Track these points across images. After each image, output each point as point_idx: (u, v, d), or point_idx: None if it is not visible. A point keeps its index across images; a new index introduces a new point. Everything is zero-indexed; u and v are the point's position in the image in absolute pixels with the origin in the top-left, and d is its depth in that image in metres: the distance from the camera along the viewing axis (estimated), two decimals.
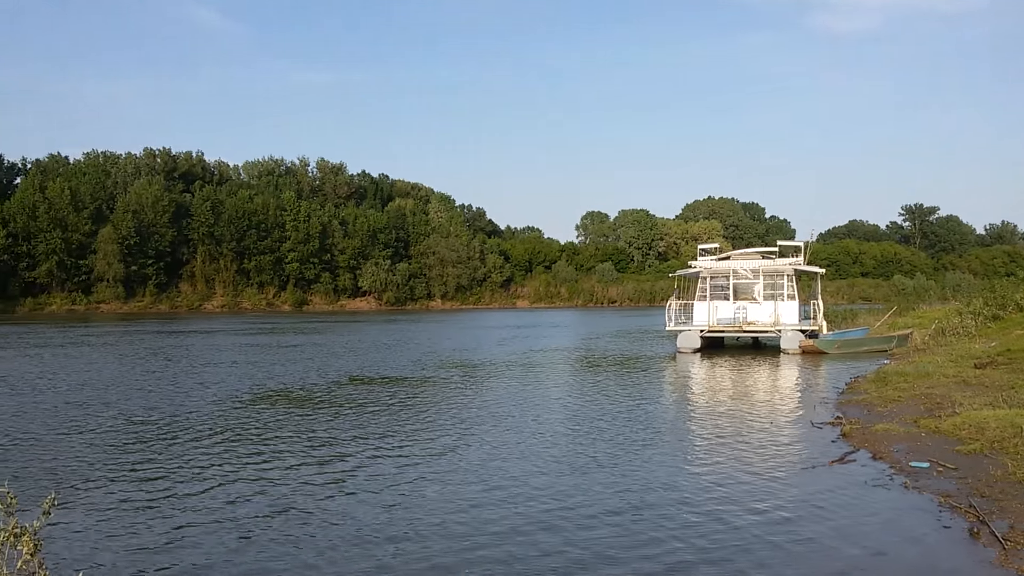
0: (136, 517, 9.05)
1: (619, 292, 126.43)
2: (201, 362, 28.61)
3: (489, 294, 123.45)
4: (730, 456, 12.07)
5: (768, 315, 32.84)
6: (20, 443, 13.26)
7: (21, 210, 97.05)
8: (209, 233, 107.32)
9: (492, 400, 18.32)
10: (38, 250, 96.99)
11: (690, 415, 16.96)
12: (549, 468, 11.32)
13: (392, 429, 14.68)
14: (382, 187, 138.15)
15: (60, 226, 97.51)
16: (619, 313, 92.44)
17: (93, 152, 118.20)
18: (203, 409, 17.23)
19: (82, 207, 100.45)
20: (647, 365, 27.72)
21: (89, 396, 19.15)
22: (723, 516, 8.89)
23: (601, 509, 9.16)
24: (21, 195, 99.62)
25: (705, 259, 35.64)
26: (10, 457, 12.18)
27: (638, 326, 56.09)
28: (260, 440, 13.70)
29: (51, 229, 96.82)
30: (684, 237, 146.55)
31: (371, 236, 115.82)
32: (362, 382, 22.46)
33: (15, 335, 45.90)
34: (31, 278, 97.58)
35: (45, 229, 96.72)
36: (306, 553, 7.87)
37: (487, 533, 8.42)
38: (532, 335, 46.62)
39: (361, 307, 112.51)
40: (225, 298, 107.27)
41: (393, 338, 43.53)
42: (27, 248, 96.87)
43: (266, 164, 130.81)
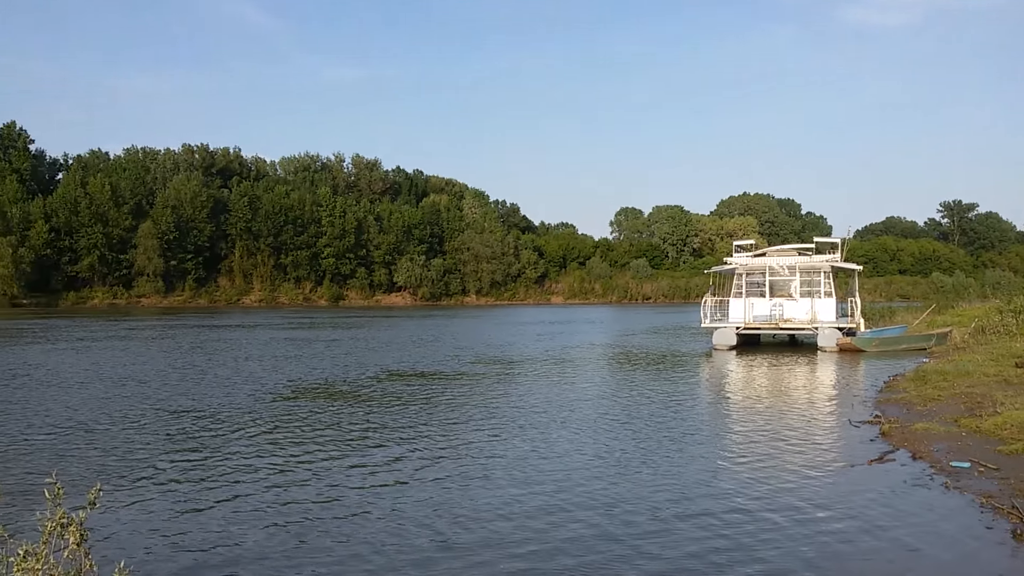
0: (180, 508, 9.25)
1: (654, 288, 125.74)
2: (242, 356, 29.03)
3: (523, 290, 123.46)
4: (768, 455, 12.04)
5: (805, 312, 32.54)
6: (67, 434, 13.60)
7: (63, 205, 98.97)
8: (247, 228, 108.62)
9: (531, 397, 18.39)
10: (80, 245, 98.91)
11: (727, 413, 16.91)
12: (588, 465, 11.36)
13: (434, 424, 14.82)
14: (416, 183, 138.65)
15: (101, 221, 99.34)
16: (654, 309, 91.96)
17: (133, 148, 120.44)
18: (246, 402, 17.53)
19: (122, 202, 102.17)
20: (683, 362, 27.63)
21: (133, 389, 19.56)
22: (761, 515, 8.89)
23: (641, 508, 9.18)
24: (63, 190, 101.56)
25: (741, 255, 35.33)
26: (57, 448, 12.51)
27: (673, 323, 55.79)
28: (303, 434, 13.92)
29: (92, 224, 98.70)
30: (719, 233, 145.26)
31: (406, 232, 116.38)
32: (402, 377, 22.66)
33: (60, 328, 46.87)
34: (73, 272, 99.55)
35: (87, 224, 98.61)
36: (353, 547, 7.99)
37: (530, 530, 8.49)
38: (567, 331, 46.60)
39: (396, 302, 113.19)
40: (263, 293, 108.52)
41: (430, 333, 43.77)
42: (69, 243, 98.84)
43: (302, 160, 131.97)
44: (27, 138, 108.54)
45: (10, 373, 22.80)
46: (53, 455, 11.91)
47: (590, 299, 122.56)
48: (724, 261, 36.49)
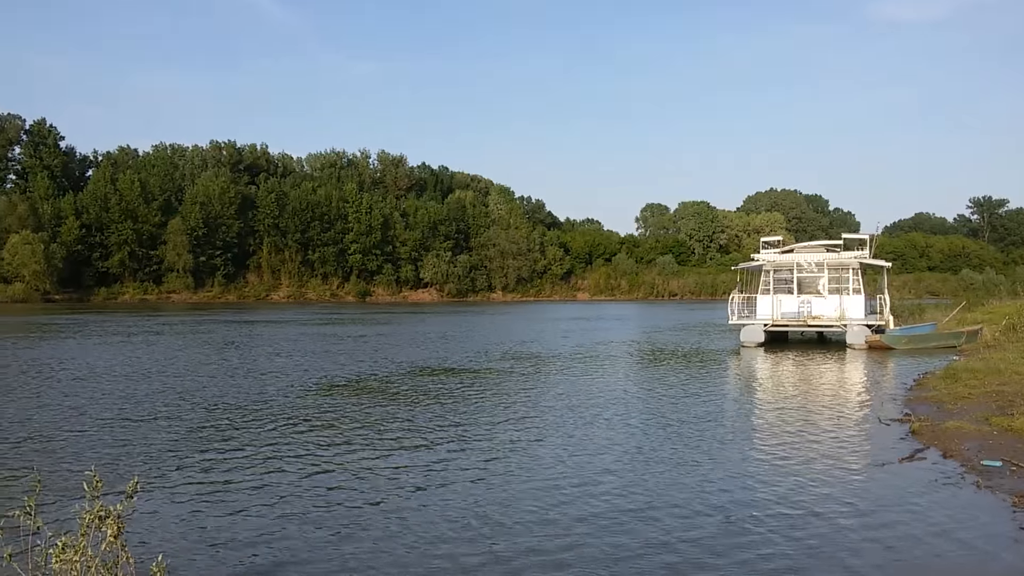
0: (216, 502, 9.38)
1: (680, 285, 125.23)
2: (274, 352, 29.29)
3: (549, 286, 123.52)
4: (797, 453, 11.97)
5: (833, 309, 32.26)
6: (104, 428, 13.82)
7: (93, 201, 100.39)
8: (274, 224, 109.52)
9: (561, 394, 18.39)
10: (110, 241, 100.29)
11: (755, 411, 16.82)
12: (617, 463, 11.34)
13: (467, 420, 14.88)
14: (442, 179, 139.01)
15: (131, 217, 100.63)
16: (680, 306, 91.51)
17: (161, 144, 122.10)
18: (279, 398, 17.70)
19: (152, 199, 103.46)
20: (710, 359, 27.51)
21: (169, 384, 19.82)
22: (791, 515, 8.86)
23: (670, 507, 9.15)
24: (93, 187, 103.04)
25: (768, 252, 35.08)
26: (95, 442, 12.71)
27: (700, 319, 55.53)
28: (337, 429, 14.02)
29: (122, 220, 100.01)
30: (746, 229, 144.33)
31: (432, 228, 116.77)
32: (431, 373, 22.77)
33: (93, 324, 47.55)
34: (104, 268, 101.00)
35: (117, 220, 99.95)
36: (392, 543, 8.04)
37: (560, 528, 8.52)
38: (594, 328, 46.54)
39: (423, 299, 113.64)
40: (290, 289, 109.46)
41: (458, 330, 43.90)
42: (100, 239, 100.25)
43: (328, 156, 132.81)
44: (57, 135, 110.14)
45: (48, 368, 23.19)
46: (91, 448, 12.11)
47: (616, 296, 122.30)
48: (751, 257, 36.20)
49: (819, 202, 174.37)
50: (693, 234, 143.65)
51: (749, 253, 49.72)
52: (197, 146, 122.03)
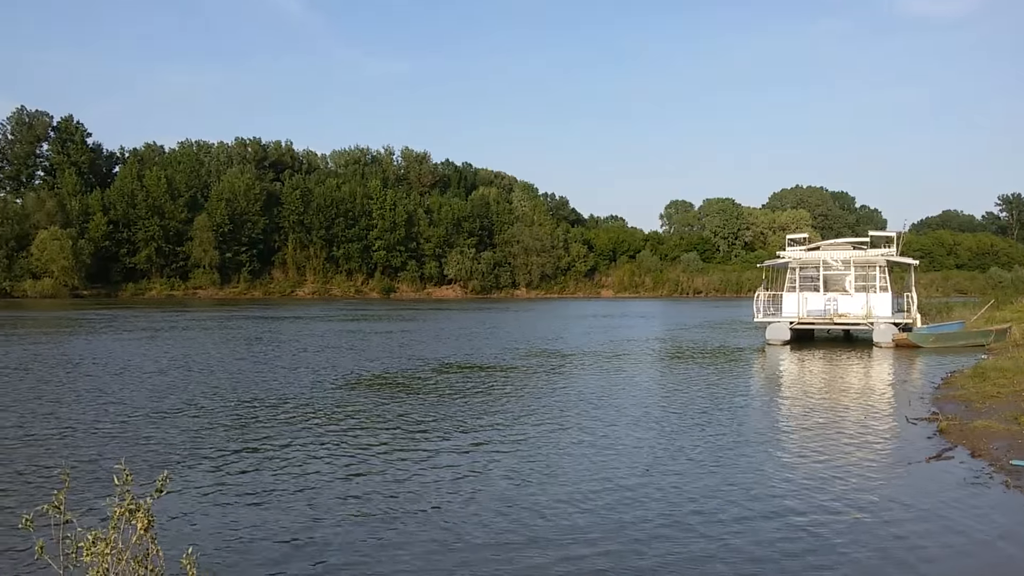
0: (245, 496, 9.46)
1: (705, 282, 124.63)
2: (301, 347, 29.51)
3: (573, 283, 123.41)
4: (823, 452, 11.88)
5: (860, 307, 32.01)
6: (135, 422, 13.99)
7: (120, 198, 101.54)
8: (299, 221, 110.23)
9: (587, 391, 18.34)
10: (137, 237, 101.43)
11: (781, 409, 16.71)
12: (644, 463, 11.28)
13: (495, 416, 14.90)
14: (465, 175, 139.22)
15: (158, 213, 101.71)
16: (705, 304, 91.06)
17: (187, 141, 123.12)
18: (307, 392, 17.84)
19: (178, 195, 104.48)
20: (736, 357, 27.37)
21: (197, 379, 20.03)
22: (817, 514, 8.79)
23: (696, 508, 9.09)
24: (120, 183, 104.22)
25: (794, 249, 34.87)
26: (126, 435, 12.87)
27: (725, 317, 55.23)
28: (365, 424, 14.10)
29: (149, 216, 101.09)
30: (771, 227, 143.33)
31: (456, 225, 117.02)
32: (458, 369, 22.85)
33: (121, 319, 48.14)
34: (131, 264, 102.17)
35: (144, 216, 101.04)
36: (425, 538, 8.08)
37: (607, 524, 8.50)
38: (619, 325, 46.44)
39: (447, 295, 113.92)
40: (315, 285, 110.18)
41: (482, 326, 43.98)
42: (127, 235, 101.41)
43: (352, 153, 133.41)
44: (84, 132, 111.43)
45: (78, 362, 23.52)
46: (122, 442, 12.27)
47: (640, 293, 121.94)
48: (777, 255, 36.02)
49: (845, 199, 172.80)
50: (718, 231, 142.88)
51: (774, 250, 49.45)
52: (222, 143, 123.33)
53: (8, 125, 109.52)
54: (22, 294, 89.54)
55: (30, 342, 30.98)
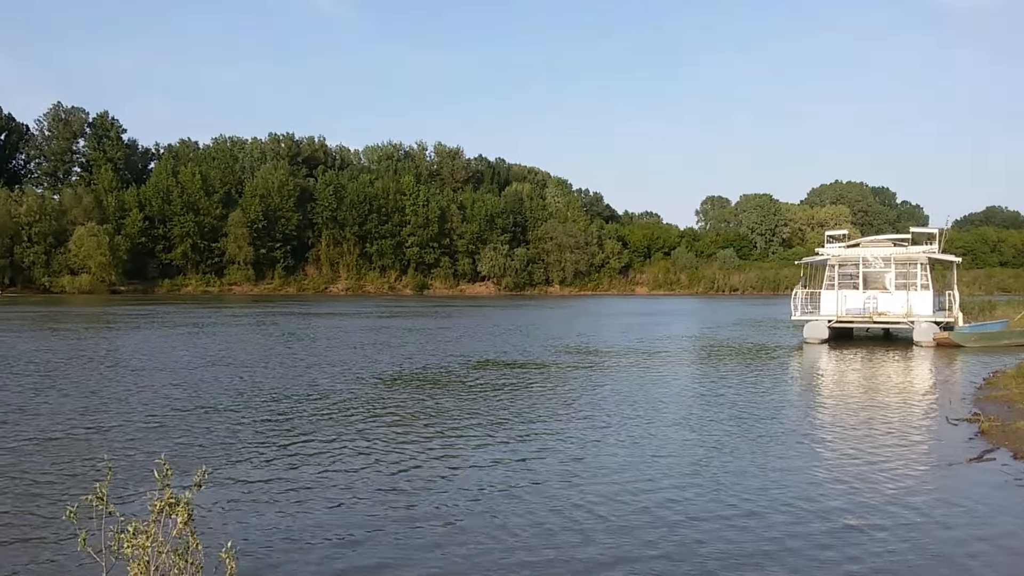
0: (282, 490, 9.56)
1: (741, 280, 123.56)
2: (337, 343, 29.82)
3: (607, 280, 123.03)
4: (862, 453, 11.74)
5: (900, 306, 31.63)
6: (173, 417, 14.20)
7: (156, 194, 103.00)
8: (332, 217, 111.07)
9: (622, 389, 18.32)
10: (173, 233, 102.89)
11: (819, 409, 16.53)
12: (687, 461, 11.24)
13: (533, 414, 14.91)
14: (499, 171, 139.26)
15: (192, 210, 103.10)
16: (741, 301, 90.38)
17: (221, 137, 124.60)
18: (344, 388, 18.02)
19: (212, 191, 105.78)
20: (772, 356, 27.15)
21: (235, 374, 20.32)
22: (857, 515, 8.70)
23: (746, 508, 8.98)
24: (155, 179, 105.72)
25: (833, 246, 34.54)
26: (164, 430, 13.08)
27: (762, 315, 54.82)
28: (402, 421, 14.19)
29: (184, 213, 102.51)
30: (810, 223, 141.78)
31: (489, 221, 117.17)
32: (494, 366, 22.93)
33: (158, 314, 48.91)
34: (167, 260, 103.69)
35: (179, 213, 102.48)
36: (466, 535, 8.11)
37: (611, 531, 8.52)
38: (654, 323, 46.28)
39: (480, 292, 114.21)
40: (349, 281, 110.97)
41: (517, 323, 44.06)
42: (163, 231, 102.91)
43: (385, 148, 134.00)
44: (119, 128, 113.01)
45: (120, 357, 23.95)
46: (162, 436, 12.47)
47: (675, 290, 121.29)
48: (815, 252, 35.72)
49: (886, 195, 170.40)
50: (755, 228, 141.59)
51: (813, 247, 48.99)
52: (256, 139, 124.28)
53: (45, 122, 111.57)
54: (60, 290, 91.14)
55: (72, 337, 31.58)
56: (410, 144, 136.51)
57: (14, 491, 9.30)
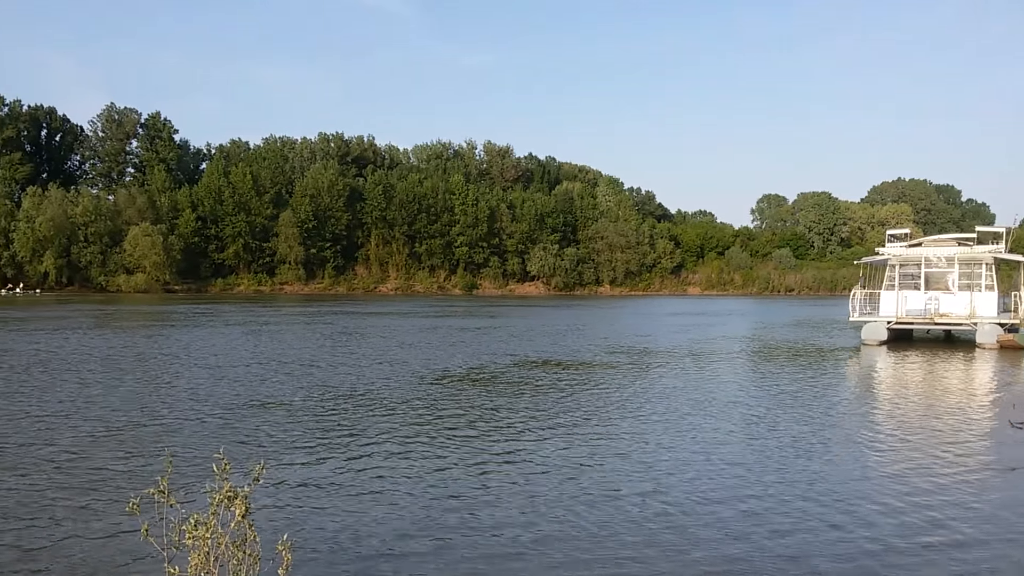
0: (336, 484, 9.82)
1: (797, 280, 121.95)
2: (388, 342, 30.26)
3: (659, 280, 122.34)
4: (921, 458, 11.60)
5: (963, 307, 31.07)
6: (231, 413, 14.62)
7: (208, 194, 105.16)
8: (382, 217, 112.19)
9: (676, 389, 18.31)
10: (225, 233, 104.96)
11: (877, 412, 16.35)
12: (729, 464, 11.25)
13: (588, 413, 15.01)
14: (549, 170, 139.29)
15: (244, 210, 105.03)
16: (797, 302, 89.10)
17: (271, 137, 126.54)
18: (397, 385, 18.35)
19: (263, 191, 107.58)
20: (828, 357, 26.84)
21: (289, 371, 20.80)
22: (912, 521, 8.64)
23: (786, 516, 8.92)
24: (207, 180, 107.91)
25: (894, 245, 34.11)
26: (222, 425, 13.48)
27: (818, 316, 54.10)
28: (458, 418, 14.40)
29: (236, 213, 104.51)
30: (870, 222, 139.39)
31: (539, 220, 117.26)
32: (543, 365, 23.09)
33: (213, 313, 50.00)
34: (220, 260, 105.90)
35: (231, 213, 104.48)
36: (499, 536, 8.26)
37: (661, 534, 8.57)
38: (706, 323, 45.97)
39: (530, 292, 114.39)
40: (398, 281, 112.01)
41: (568, 323, 44.13)
42: (215, 231, 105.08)
43: (434, 148, 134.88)
44: (171, 128, 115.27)
45: (179, 354, 24.65)
46: (220, 431, 12.87)
47: (728, 290, 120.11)
48: (876, 251, 35.31)
49: (951, 192, 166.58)
50: (812, 227, 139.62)
51: (873, 247, 48.17)
52: (306, 138, 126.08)
53: (99, 123, 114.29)
54: (116, 289, 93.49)
55: (132, 335, 32.56)
56: (459, 143, 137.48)
57: (79, 483, 9.71)
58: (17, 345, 26.86)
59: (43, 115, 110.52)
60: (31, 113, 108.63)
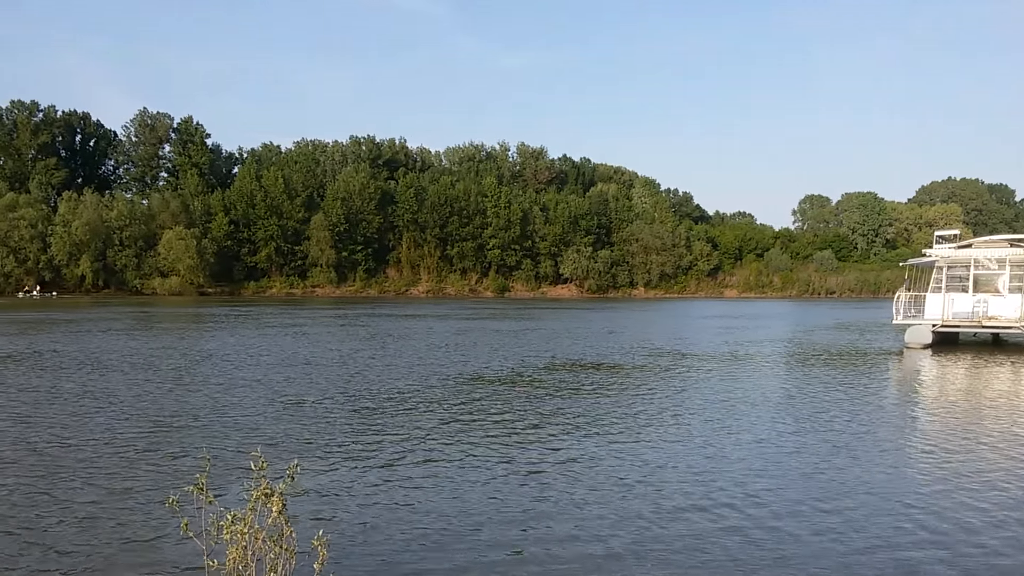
0: (369, 482, 10.05)
1: (839, 282, 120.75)
2: (422, 344, 30.53)
3: (695, 283, 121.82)
4: (966, 467, 11.42)
5: (1014, 310, 30.64)
6: (267, 412, 14.95)
7: (240, 198, 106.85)
8: (413, 220, 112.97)
9: (712, 393, 18.28)
10: (257, 236, 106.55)
11: (919, 419, 16.07)
12: (768, 470, 11.18)
13: (626, 415, 15.10)
14: (583, 171, 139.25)
15: (276, 213, 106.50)
16: (839, 305, 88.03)
17: (303, 140, 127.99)
18: (430, 386, 18.60)
19: (295, 195, 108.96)
20: (870, 361, 26.54)
21: (323, 372, 21.14)
22: (952, 537, 8.56)
23: (821, 528, 8.80)
24: (239, 183, 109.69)
25: (942, 247, 33.68)
26: (258, 425, 13.79)
27: (861, 319, 53.49)
28: (495, 419, 14.57)
29: (268, 216, 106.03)
30: (917, 223, 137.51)
31: (572, 222, 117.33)
32: (577, 367, 23.16)
33: (247, 315, 50.62)
34: (252, 263, 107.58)
35: (263, 216, 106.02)
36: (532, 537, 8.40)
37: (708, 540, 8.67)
38: (743, 326, 45.62)
39: (562, 294, 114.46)
40: (430, 283, 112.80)
41: (604, 325, 44.07)
42: (247, 234, 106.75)
43: (466, 150, 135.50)
44: (203, 133, 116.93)
45: (215, 355, 25.14)
46: (255, 431, 13.19)
47: (767, 293, 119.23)
48: (923, 253, 34.88)
49: (1004, 192, 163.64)
50: (856, 228, 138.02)
51: (919, 248, 47.59)
52: (337, 141, 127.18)
53: (132, 127, 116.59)
54: (152, 291, 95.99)
55: (173, 337, 33.17)
56: (492, 145, 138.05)
57: (122, 479, 10.05)
58: (64, 346, 27.62)
59: (77, 120, 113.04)
60: (65, 119, 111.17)
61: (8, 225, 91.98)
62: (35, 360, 23.45)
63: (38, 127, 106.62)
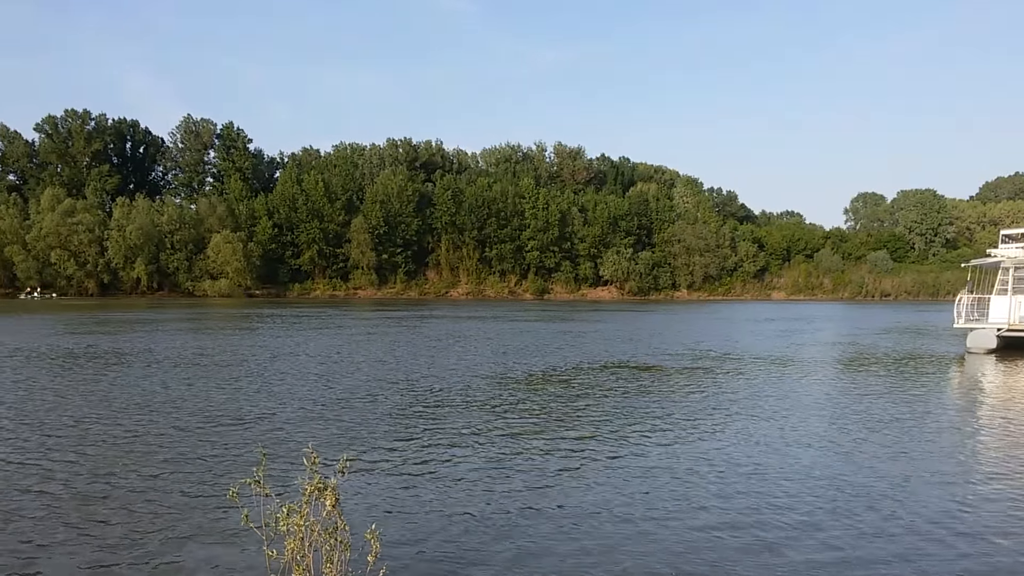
0: (418, 478, 10.32)
1: (894, 284, 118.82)
2: (465, 345, 30.85)
3: (740, 284, 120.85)
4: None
5: None
6: (320, 409, 15.38)
7: (283, 202, 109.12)
8: (451, 222, 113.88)
9: (761, 398, 18.10)
10: (300, 239, 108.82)
11: (980, 429, 15.38)
12: (816, 482, 10.89)
13: (669, 412, 15.26)
14: (623, 171, 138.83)
15: (317, 216, 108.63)
16: (894, 308, 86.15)
17: (341, 144, 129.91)
18: (476, 387, 18.86)
19: (335, 198, 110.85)
20: (928, 367, 25.65)
21: (368, 371, 21.59)
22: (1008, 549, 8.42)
23: (882, 535, 8.73)
24: (281, 188, 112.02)
25: (1009, 247, 32.57)
26: (310, 422, 14.17)
27: (919, 322, 52.34)
28: (539, 418, 14.75)
29: (310, 220, 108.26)
30: (980, 221, 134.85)
31: (612, 223, 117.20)
32: (622, 368, 23.24)
33: (293, 317, 51.32)
34: (296, 265, 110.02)
35: (305, 220, 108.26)
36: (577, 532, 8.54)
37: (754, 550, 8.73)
38: (792, 328, 45.07)
39: (602, 296, 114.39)
40: (469, 286, 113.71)
41: (647, 327, 43.88)
42: (291, 238, 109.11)
43: (503, 151, 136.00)
44: (246, 138, 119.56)
45: (268, 354, 25.81)
46: (308, 427, 13.58)
47: (817, 295, 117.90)
48: (987, 253, 33.70)
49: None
50: (914, 227, 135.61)
51: (983, 248, 46.51)
52: (375, 144, 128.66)
53: (178, 134, 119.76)
54: (202, 293, 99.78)
55: (227, 337, 34.13)
56: (529, 145, 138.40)
57: (183, 473, 10.46)
58: (128, 346, 28.57)
59: (127, 128, 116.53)
60: (116, 127, 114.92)
61: (68, 230, 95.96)
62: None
63: (91, 135, 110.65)
